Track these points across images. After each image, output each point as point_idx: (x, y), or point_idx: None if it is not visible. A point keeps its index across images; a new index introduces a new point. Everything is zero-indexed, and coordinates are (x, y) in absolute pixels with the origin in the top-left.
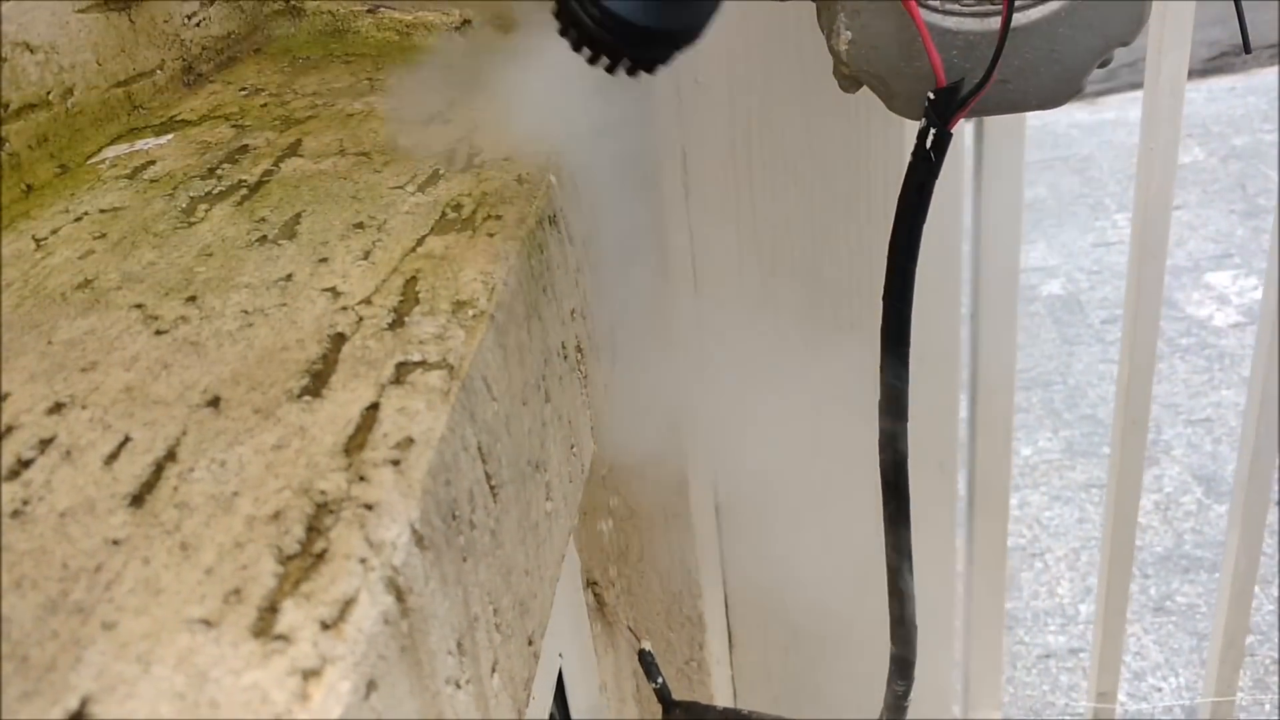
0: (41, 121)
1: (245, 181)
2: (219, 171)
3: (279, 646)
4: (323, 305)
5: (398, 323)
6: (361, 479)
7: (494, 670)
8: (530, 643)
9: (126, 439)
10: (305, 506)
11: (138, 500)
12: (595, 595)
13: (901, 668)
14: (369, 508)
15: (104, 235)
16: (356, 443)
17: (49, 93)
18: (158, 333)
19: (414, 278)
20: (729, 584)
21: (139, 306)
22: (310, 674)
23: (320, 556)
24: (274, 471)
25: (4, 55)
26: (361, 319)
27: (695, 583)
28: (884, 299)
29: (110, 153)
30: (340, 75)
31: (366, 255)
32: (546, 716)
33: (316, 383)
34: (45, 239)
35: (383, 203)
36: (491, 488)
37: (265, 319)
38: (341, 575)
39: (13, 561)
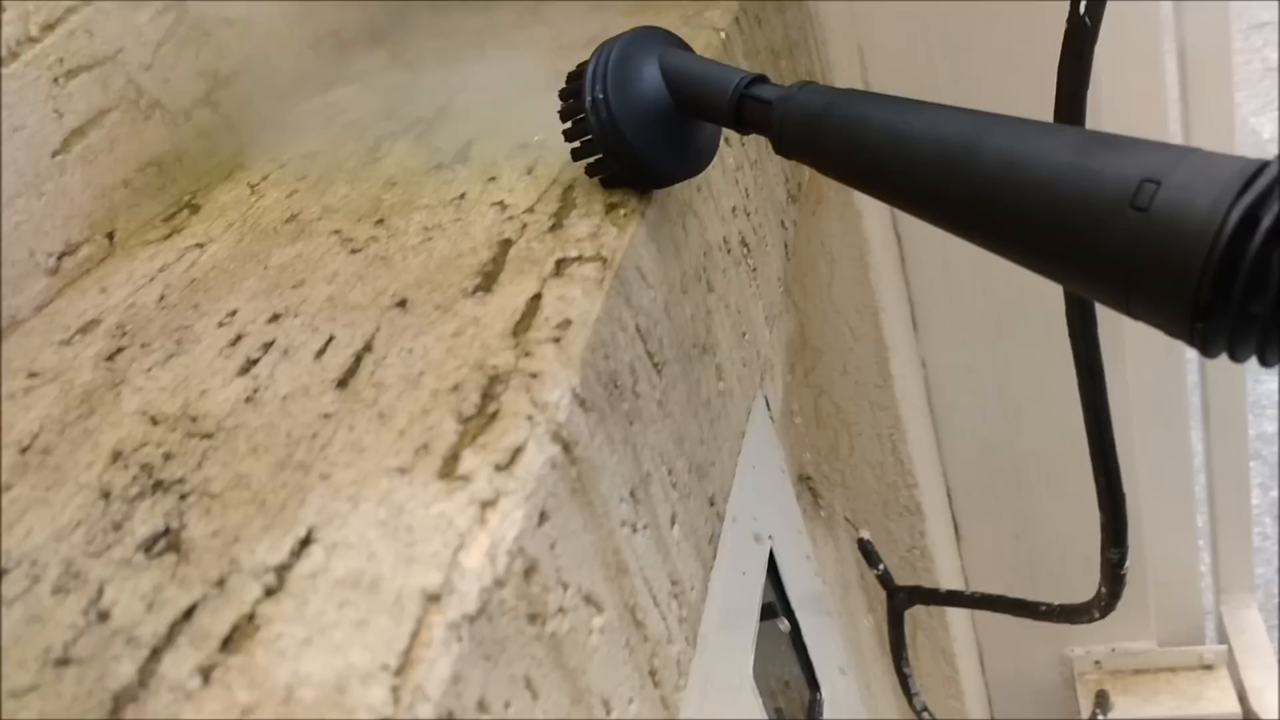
0: (246, 86)
1: (422, 118)
2: (398, 113)
3: (460, 485)
4: (492, 217)
5: (557, 225)
6: (527, 354)
7: (673, 522)
8: (711, 504)
9: (331, 338)
10: (480, 379)
11: (342, 384)
12: (810, 490)
13: (1114, 536)
14: (534, 376)
15: (305, 176)
16: (523, 326)
17: (250, 59)
18: (353, 252)
19: (571, 186)
20: (949, 475)
21: (336, 232)
22: (487, 504)
23: (493, 416)
24: (453, 354)
25: (209, 30)
26: (525, 225)
27: (909, 473)
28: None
29: (308, 105)
30: (505, 14)
31: (529, 170)
32: (759, 594)
33: (487, 280)
34: (258, 184)
35: (543, 124)
36: (655, 364)
37: (443, 232)
38: (511, 429)
39: (249, 434)
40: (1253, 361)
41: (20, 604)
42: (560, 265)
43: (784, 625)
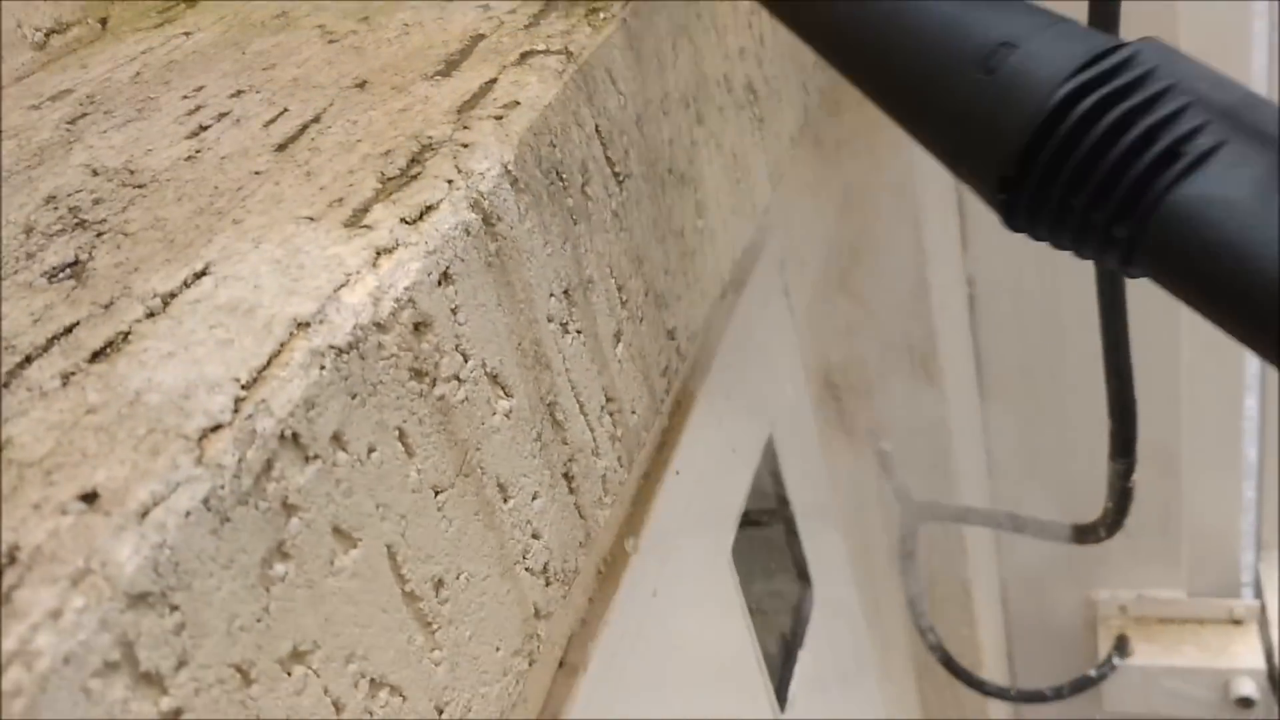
0: None
1: None
2: None
3: (362, 232)
4: (473, 15)
5: (533, 24)
6: (465, 128)
7: (617, 338)
8: (671, 337)
9: (285, 110)
10: (412, 147)
11: (281, 148)
12: (835, 398)
13: (1121, 445)
14: (465, 146)
15: None
16: (469, 105)
17: None
18: (330, 42)
19: None
20: (987, 398)
21: (320, 26)
22: (384, 251)
23: (414, 177)
24: (395, 125)
25: None
26: (502, 23)
27: (939, 388)
28: None
29: None
30: None
31: None
32: (749, 477)
33: (449, 67)
34: None
35: None
36: (615, 172)
37: (421, 29)
38: (428, 188)
39: (179, 186)
40: None
41: None
42: (524, 56)
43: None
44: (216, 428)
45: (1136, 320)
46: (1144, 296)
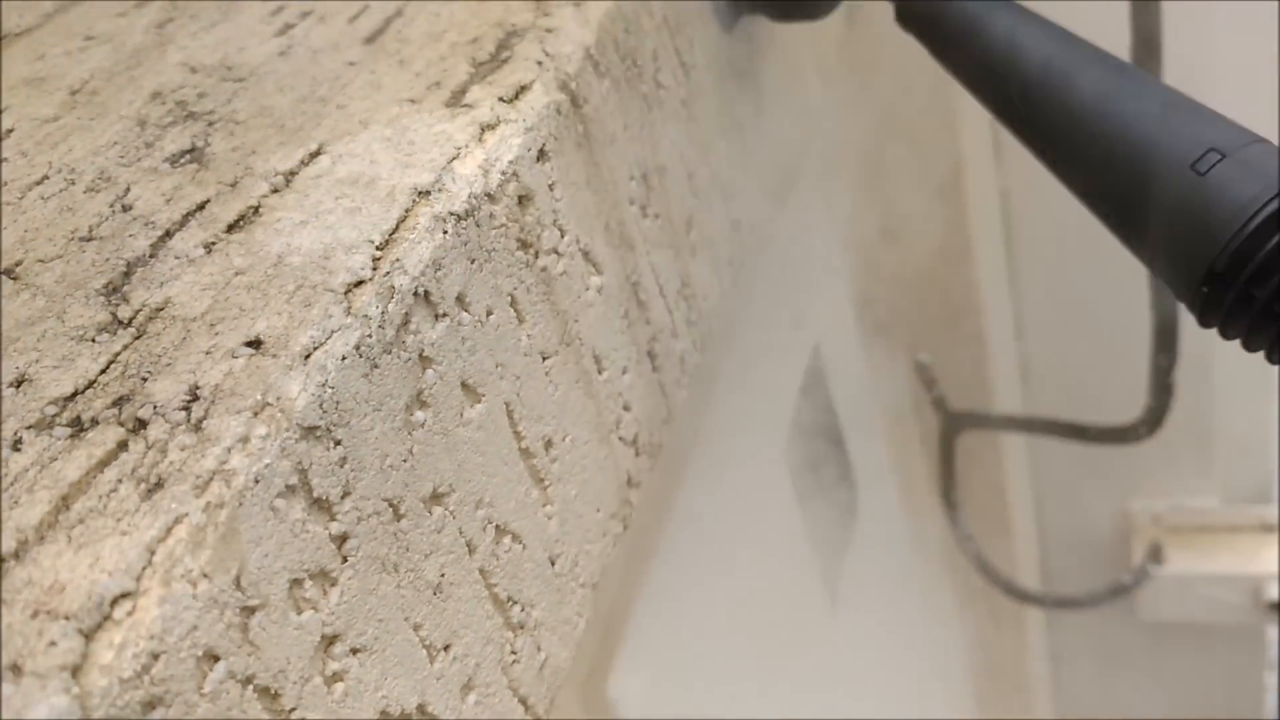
0: None
1: None
2: None
3: (464, 110)
4: None
5: None
6: (546, 14)
7: (689, 225)
8: (736, 228)
9: (366, 6)
10: (498, 33)
11: (371, 40)
12: (874, 312)
13: (1162, 339)
14: (549, 31)
15: None
16: None
17: None
18: None
19: None
20: (1023, 309)
21: None
22: (487, 127)
23: (505, 61)
24: (477, 15)
25: None
26: None
27: (975, 300)
28: None
29: None
30: None
31: None
32: (800, 375)
33: None
34: None
35: None
36: (682, 62)
37: None
38: (520, 69)
39: (278, 78)
40: None
41: (55, 200)
42: None
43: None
44: (359, 283)
45: None
46: None
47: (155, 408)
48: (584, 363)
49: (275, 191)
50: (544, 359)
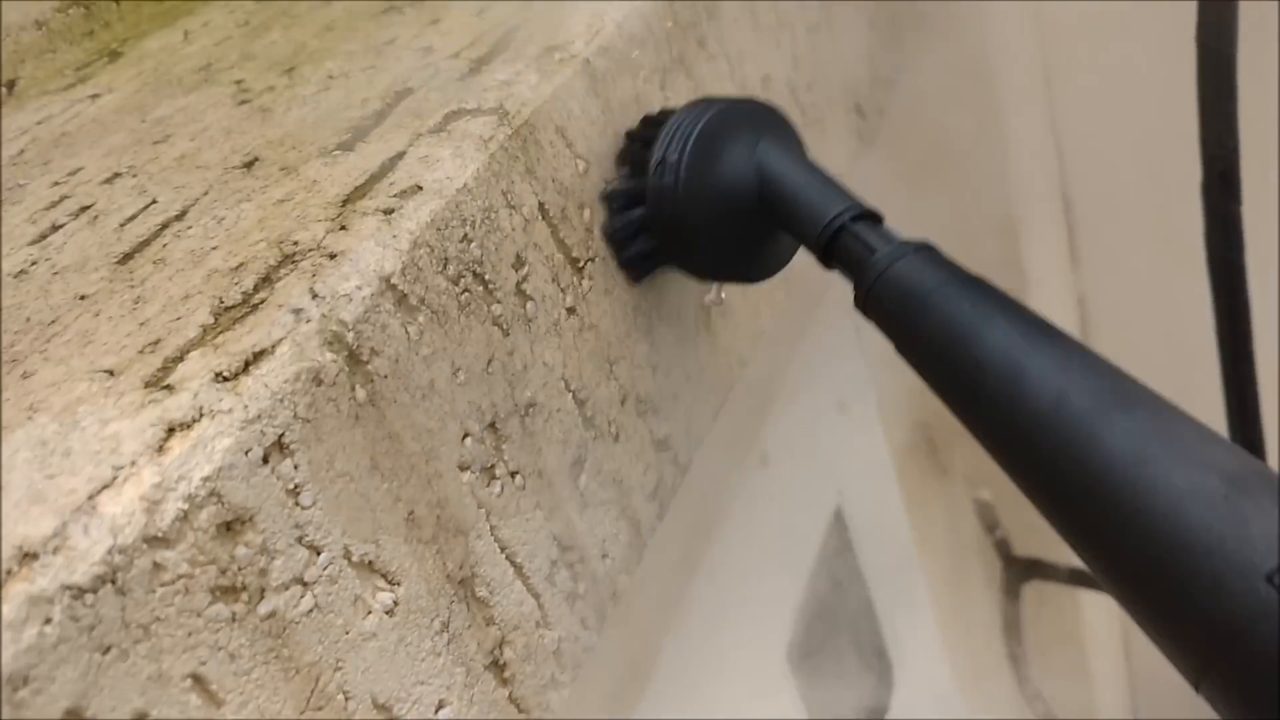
0: None
1: None
2: None
3: (160, 397)
4: (410, 63)
5: (473, 72)
6: (342, 228)
7: (577, 469)
8: (664, 447)
9: (152, 202)
10: (271, 258)
11: (126, 258)
12: (927, 439)
13: None
14: (332, 257)
15: (247, 23)
16: (360, 192)
17: None
18: (240, 104)
19: (518, 27)
20: None
21: (239, 82)
22: (179, 427)
23: (255, 308)
24: (264, 225)
25: None
26: (439, 72)
27: None
28: None
29: None
30: None
31: (482, 13)
32: (810, 559)
33: (356, 137)
34: (194, 31)
35: None
36: (571, 259)
37: (346, 82)
38: (264, 325)
39: None
40: None
41: None
42: (448, 119)
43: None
44: None
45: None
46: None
47: None
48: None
49: None
50: None
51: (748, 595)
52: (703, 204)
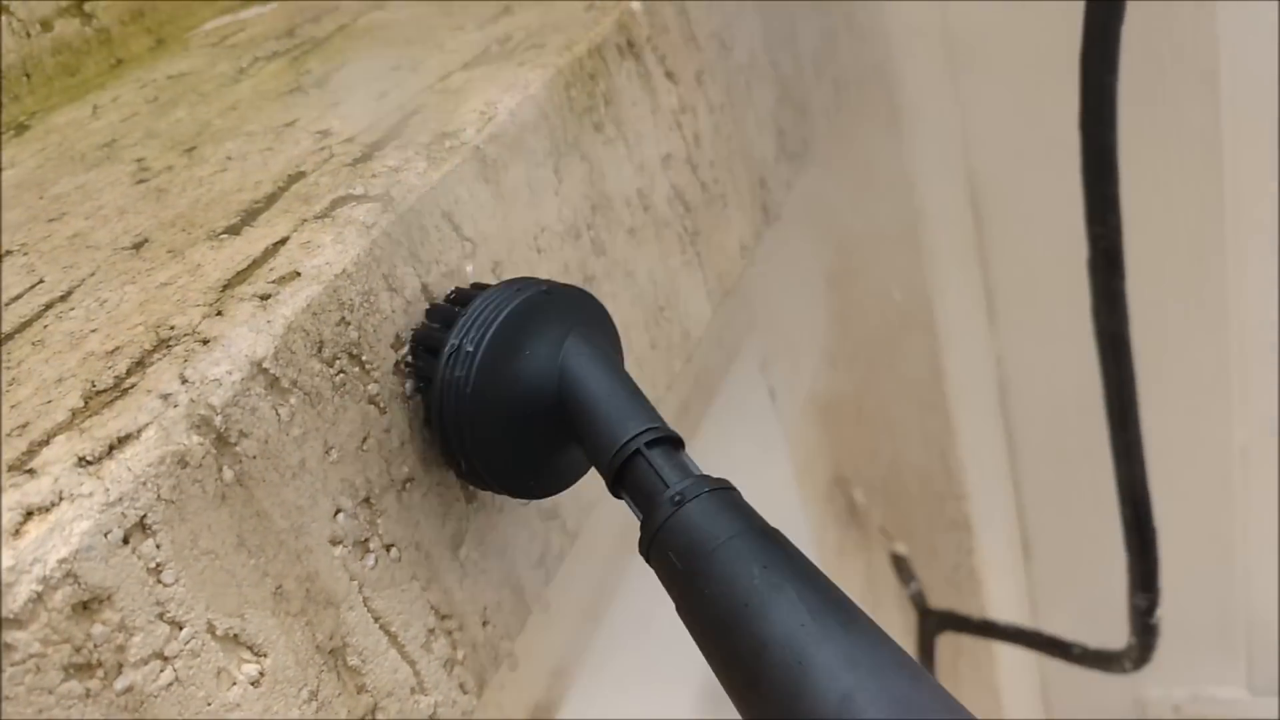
0: None
1: (315, 38)
2: (296, 32)
3: (20, 481)
4: (306, 146)
5: (364, 158)
6: (219, 313)
7: (457, 539)
8: (552, 516)
9: (40, 281)
10: (147, 342)
11: (7, 338)
12: (845, 495)
13: (1141, 579)
14: (204, 342)
15: (156, 99)
16: (240, 278)
17: None
18: (138, 182)
19: (415, 112)
20: (1022, 489)
21: (139, 160)
22: (36, 511)
23: (125, 391)
24: (144, 308)
25: None
26: (332, 156)
27: (959, 483)
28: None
29: (211, 24)
30: None
31: (382, 96)
32: None
33: (246, 219)
34: (103, 106)
35: (433, 44)
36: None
37: (243, 163)
38: (131, 409)
39: None
40: None
41: None
42: (335, 204)
43: None
44: None
45: (1187, 405)
46: (1188, 390)
47: None
48: None
49: None
50: None
51: (651, 660)
52: (498, 400)
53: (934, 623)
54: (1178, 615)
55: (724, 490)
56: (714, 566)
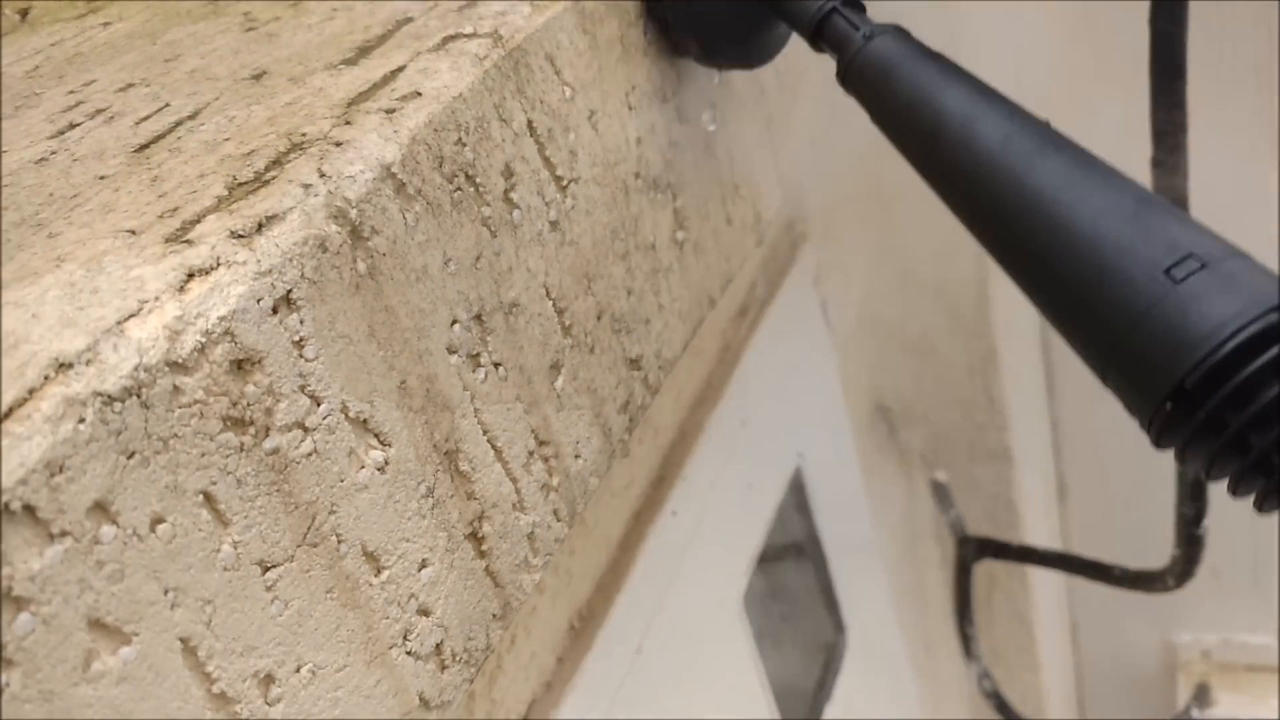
0: None
1: None
2: None
3: (180, 249)
4: None
5: (470, 4)
6: (347, 123)
7: (555, 370)
8: (636, 366)
9: (166, 105)
10: (280, 146)
11: (143, 148)
12: (887, 421)
13: (1191, 488)
14: (338, 145)
15: None
16: (364, 97)
17: None
18: (247, 30)
19: None
20: (1060, 424)
21: (246, 14)
22: (198, 272)
23: (267, 183)
24: (273, 123)
25: None
26: (437, 4)
27: (1000, 413)
28: None
29: None
30: None
31: None
32: (768, 513)
33: (359, 55)
34: None
35: None
36: (555, 176)
37: (350, 12)
38: (274, 195)
39: (14, 193)
40: None
41: None
42: (446, 41)
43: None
44: None
45: None
46: None
47: None
48: (344, 564)
49: None
50: (265, 570)
51: (710, 540)
52: None
53: (972, 549)
54: (1213, 559)
55: (898, 30)
56: (898, 78)
